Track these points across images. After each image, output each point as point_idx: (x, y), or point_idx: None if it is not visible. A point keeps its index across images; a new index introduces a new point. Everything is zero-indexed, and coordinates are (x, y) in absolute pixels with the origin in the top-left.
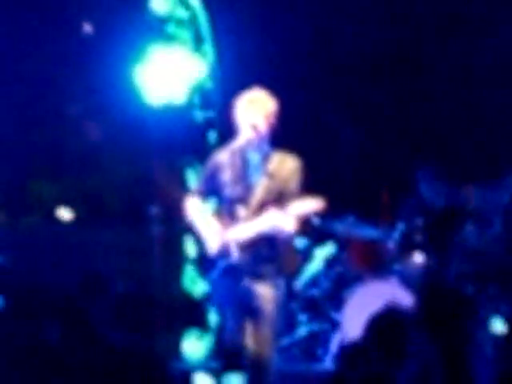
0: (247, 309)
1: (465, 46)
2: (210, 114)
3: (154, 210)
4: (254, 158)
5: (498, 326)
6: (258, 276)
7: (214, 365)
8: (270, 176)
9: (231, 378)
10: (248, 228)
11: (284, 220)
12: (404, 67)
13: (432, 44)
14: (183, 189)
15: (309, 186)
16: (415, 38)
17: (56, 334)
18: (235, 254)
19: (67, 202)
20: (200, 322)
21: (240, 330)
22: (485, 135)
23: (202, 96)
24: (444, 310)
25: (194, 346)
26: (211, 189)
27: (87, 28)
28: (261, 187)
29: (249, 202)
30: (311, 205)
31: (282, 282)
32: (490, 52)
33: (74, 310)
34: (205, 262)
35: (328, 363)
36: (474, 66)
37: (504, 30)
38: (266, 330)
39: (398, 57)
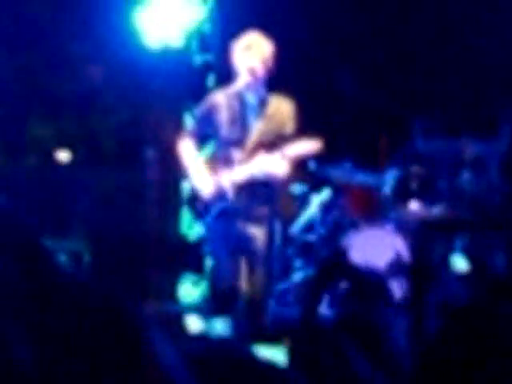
0: (242, 251)
1: None
2: (209, 57)
3: (151, 152)
4: (251, 100)
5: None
6: (254, 218)
7: (205, 307)
8: (267, 119)
9: (218, 321)
10: (241, 172)
11: (276, 164)
12: (405, 17)
13: None
14: (180, 132)
15: (305, 132)
16: None
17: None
18: (230, 197)
19: (65, 144)
20: (196, 266)
21: (235, 271)
22: (480, 84)
23: (201, 39)
24: None
25: (190, 290)
26: (206, 129)
27: None
28: (257, 130)
29: (245, 144)
30: (309, 146)
31: (277, 225)
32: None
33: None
34: (199, 206)
35: (322, 309)
36: (469, 15)
37: None
38: (261, 273)
39: (400, 8)
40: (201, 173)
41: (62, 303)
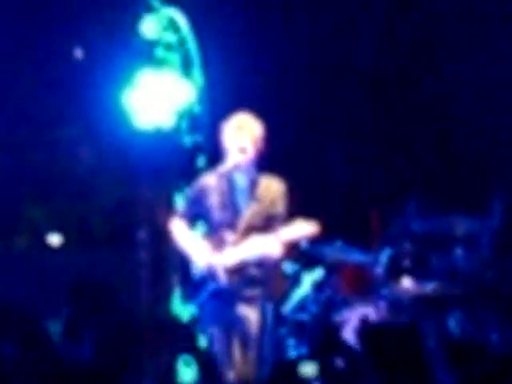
0: (235, 331)
1: (450, 74)
2: (199, 138)
3: (143, 234)
4: (242, 181)
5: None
6: (246, 299)
7: None
8: (258, 200)
9: None
10: (235, 254)
11: (270, 245)
12: (393, 92)
13: (422, 69)
14: (171, 213)
15: (297, 211)
16: (403, 65)
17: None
18: (223, 279)
19: (56, 227)
20: (189, 346)
21: (227, 352)
22: (472, 163)
23: (191, 120)
24: None
25: (184, 370)
26: (197, 212)
27: (78, 53)
28: (248, 211)
29: (236, 227)
30: (305, 229)
31: (270, 306)
32: (472, 86)
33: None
34: (192, 285)
35: None
36: (459, 95)
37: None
38: (253, 354)
39: (389, 82)
40: (196, 247)
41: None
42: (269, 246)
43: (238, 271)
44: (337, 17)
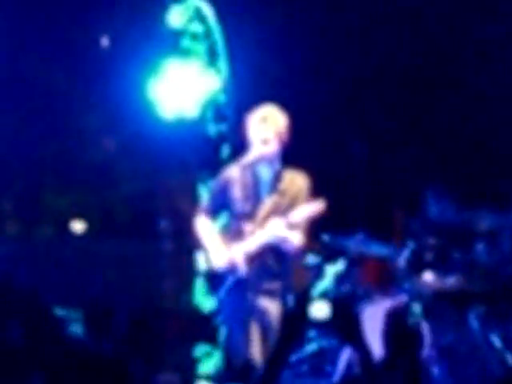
0: (255, 324)
1: (475, 67)
2: (223, 128)
3: (165, 223)
4: (265, 174)
5: None
6: (265, 291)
7: (220, 377)
8: (280, 194)
9: None
10: (253, 241)
11: (289, 232)
12: (416, 86)
13: (442, 66)
14: (195, 203)
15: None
16: (427, 60)
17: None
18: (242, 269)
19: (80, 215)
20: (210, 337)
21: (247, 343)
22: (495, 156)
23: (216, 110)
24: None
25: (204, 360)
26: (221, 204)
27: (104, 42)
28: (269, 204)
29: (256, 217)
30: (312, 207)
31: (290, 299)
32: (499, 73)
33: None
34: (213, 279)
35: (336, 379)
36: (485, 88)
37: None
38: (274, 345)
39: (410, 77)
40: (216, 248)
41: (66, 364)
42: (285, 231)
43: (258, 262)
44: (368, 11)
